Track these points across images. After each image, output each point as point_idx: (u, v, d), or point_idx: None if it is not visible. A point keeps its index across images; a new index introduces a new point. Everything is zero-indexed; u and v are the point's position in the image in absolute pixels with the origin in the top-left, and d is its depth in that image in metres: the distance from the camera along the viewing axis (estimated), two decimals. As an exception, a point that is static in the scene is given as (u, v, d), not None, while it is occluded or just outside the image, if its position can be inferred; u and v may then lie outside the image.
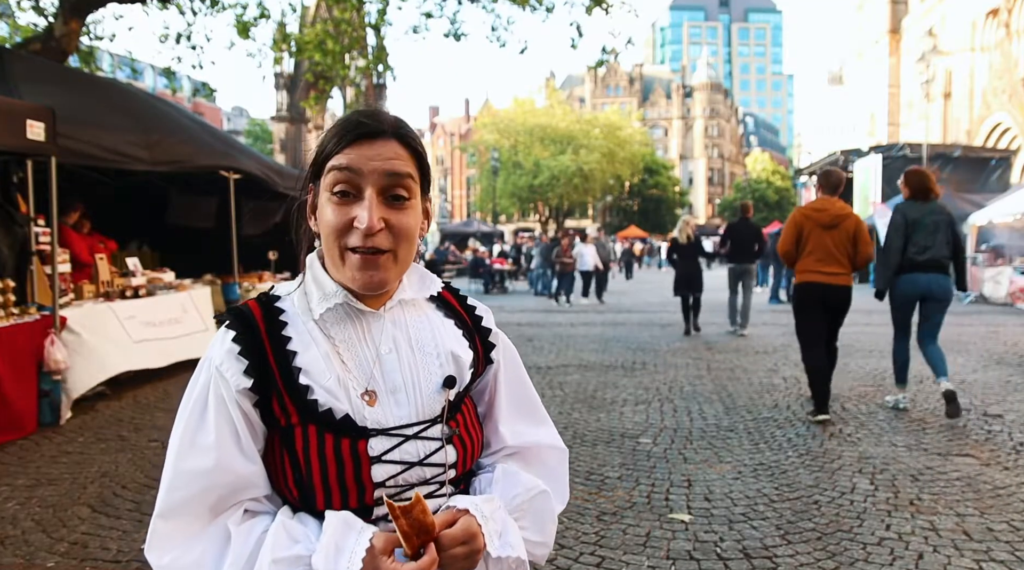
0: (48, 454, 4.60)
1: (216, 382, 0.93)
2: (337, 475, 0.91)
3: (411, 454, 0.95)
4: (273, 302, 1.00)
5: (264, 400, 0.92)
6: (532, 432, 1.12)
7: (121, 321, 6.20)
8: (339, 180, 0.93)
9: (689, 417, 5.53)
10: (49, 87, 6.21)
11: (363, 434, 0.93)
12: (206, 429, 0.92)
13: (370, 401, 0.95)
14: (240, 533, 0.90)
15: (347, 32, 11.03)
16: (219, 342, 0.96)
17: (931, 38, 32.57)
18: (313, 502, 0.92)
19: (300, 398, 0.92)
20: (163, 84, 13.00)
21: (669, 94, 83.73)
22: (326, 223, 0.94)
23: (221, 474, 0.90)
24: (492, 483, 1.04)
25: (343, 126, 0.95)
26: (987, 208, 17.24)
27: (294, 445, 0.92)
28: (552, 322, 12.27)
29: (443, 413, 0.99)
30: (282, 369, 0.93)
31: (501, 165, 48.60)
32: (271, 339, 0.95)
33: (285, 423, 0.92)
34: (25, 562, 3.06)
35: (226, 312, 1.01)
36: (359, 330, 0.99)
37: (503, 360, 1.13)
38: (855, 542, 3.21)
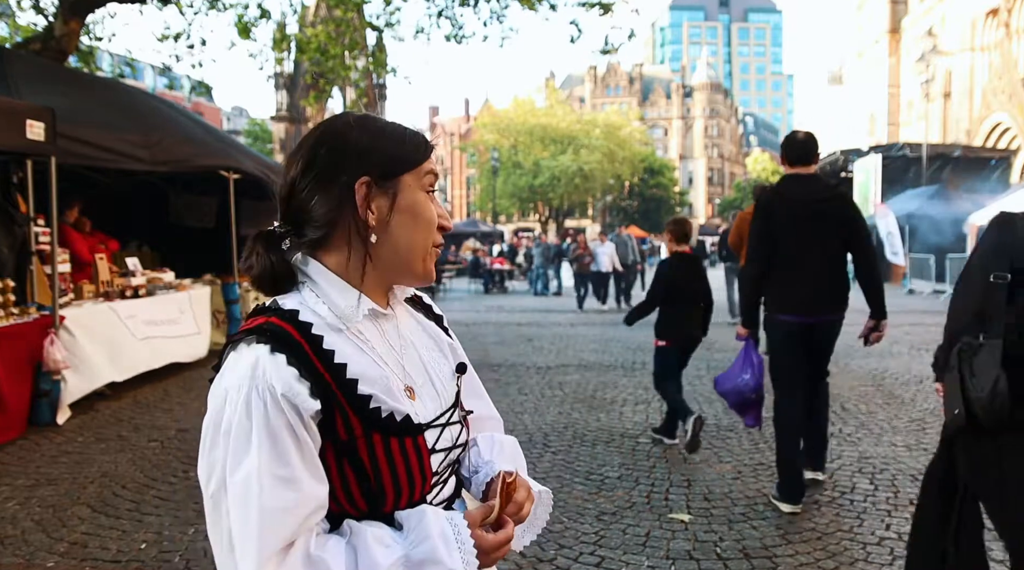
0: (48, 454, 4.60)
1: (278, 410, 0.86)
2: (407, 475, 0.95)
3: (448, 440, 1.03)
4: (296, 316, 0.94)
5: (327, 418, 0.90)
6: (484, 406, 1.21)
7: (122, 320, 6.19)
8: (432, 183, 1.01)
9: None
10: (49, 87, 6.22)
11: (419, 430, 0.98)
12: (281, 462, 0.86)
13: (412, 396, 1.00)
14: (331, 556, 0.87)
15: (347, 32, 11.03)
16: (268, 366, 0.88)
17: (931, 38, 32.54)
18: (382, 506, 0.94)
19: (363, 409, 0.92)
20: (163, 84, 12.98)
21: (669, 94, 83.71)
22: (430, 219, 1.00)
23: (306, 504, 0.87)
24: (482, 451, 1.13)
25: (416, 135, 1.02)
26: (987, 208, 17.23)
27: (358, 455, 0.91)
28: (552, 322, 12.27)
29: (457, 397, 1.08)
30: (339, 383, 0.91)
31: (501, 165, 48.60)
32: (317, 355, 0.91)
33: (347, 437, 0.91)
34: (25, 562, 3.06)
35: (254, 335, 0.91)
36: (381, 332, 1.02)
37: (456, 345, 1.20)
38: (855, 542, 3.21)
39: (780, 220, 3.71)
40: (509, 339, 9.97)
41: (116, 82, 9.04)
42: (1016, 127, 27.34)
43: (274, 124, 37.30)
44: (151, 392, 6.37)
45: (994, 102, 28.73)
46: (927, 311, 13.79)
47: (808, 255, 3.67)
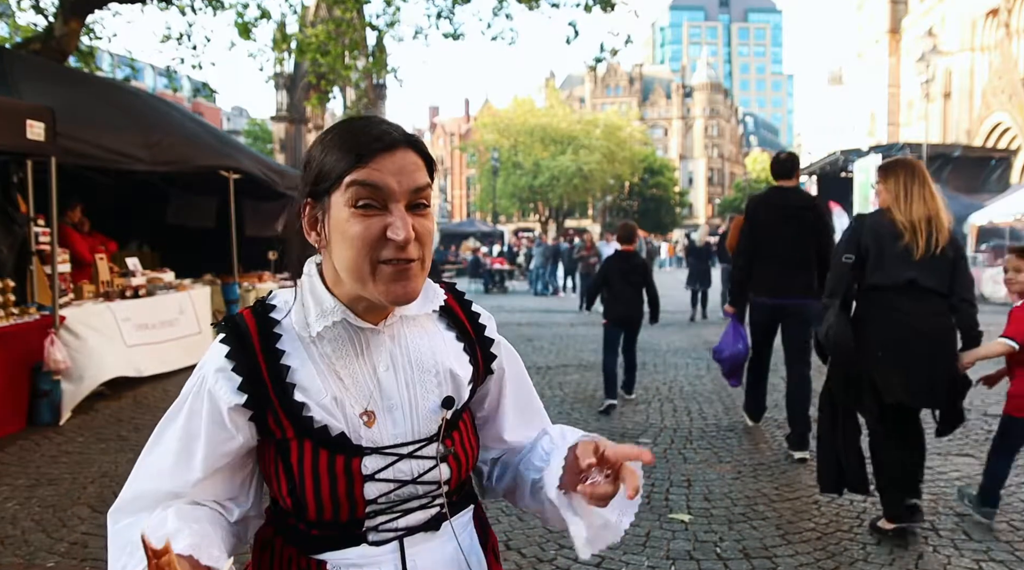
0: (48, 454, 4.60)
1: (199, 396, 0.95)
2: (330, 490, 0.92)
3: (405, 473, 0.96)
4: (269, 312, 0.99)
5: (259, 415, 0.93)
6: (540, 422, 1.16)
7: (119, 321, 6.19)
8: (363, 196, 0.89)
9: (689, 417, 5.53)
10: (49, 87, 6.21)
11: (357, 452, 0.93)
12: (173, 433, 0.97)
13: (368, 422, 0.95)
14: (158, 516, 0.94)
15: (347, 33, 11.03)
16: (214, 356, 0.96)
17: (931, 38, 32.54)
18: (305, 513, 0.94)
19: (295, 414, 0.93)
20: (163, 84, 12.99)
21: (669, 94, 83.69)
22: (354, 237, 0.89)
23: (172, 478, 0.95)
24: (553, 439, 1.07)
25: (357, 140, 0.91)
26: (987, 208, 17.24)
27: (289, 457, 0.93)
28: (552, 322, 12.27)
29: (439, 432, 0.99)
30: (276, 385, 0.93)
31: (501, 165, 48.60)
32: (265, 354, 0.94)
33: (281, 436, 0.94)
34: (25, 562, 3.06)
35: (222, 322, 0.98)
36: (357, 347, 0.97)
37: (507, 368, 1.13)
38: (855, 542, 3.21)
39: (762, 221, 4.70)
40: (509, 339, 9.80)
41: (116, 82, 9.05)
42: (1016, 127, 27.34)
43: (274, 124, 37.29)
44: (151, 392, 6.37)
45: (994, 102, 28.73)
46: (927, 311, 13.79)
47: (782, 250, 4.58)
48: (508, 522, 3.47)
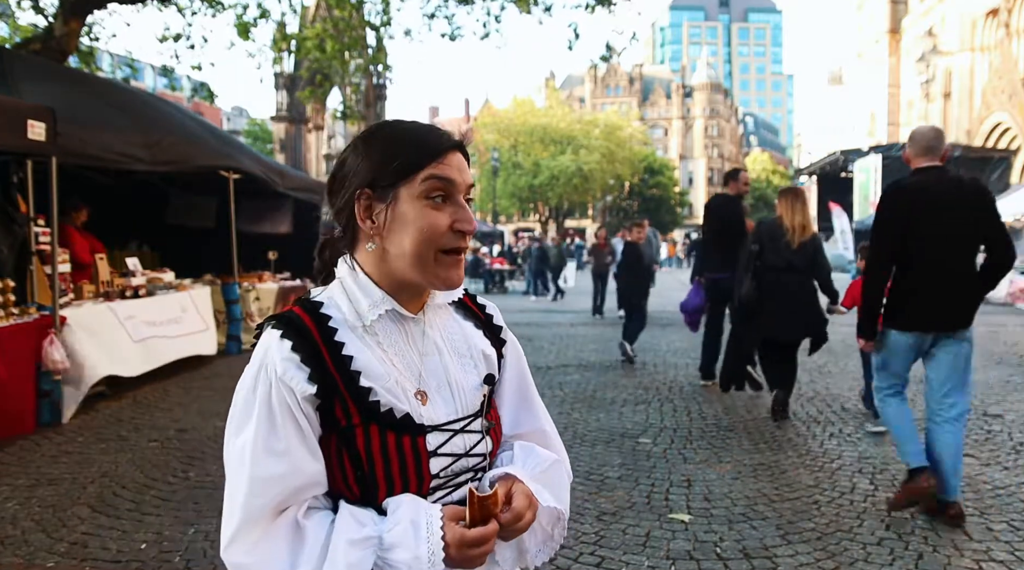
0: (48, 454, 4.60)
1: (279, 390, 0.96)
2: (400, 470, 0.98)
3: (459, 447, 1.04)
4: (319, 308, 1.03)
5: (326, 404, 0.97)
6: (533, 419, 1.21)
7: (121, 321, 6.19)
8: (439, 188, 0.99)
9: (689, 417, 5.53)
10: (49, 87, 6.21)
11: (421, 431, 1.00)
12: (277, 436, 0.95)
13: (422, 400, 1.02)
14: (313, 525, 0.96)
15: (347, 31, 11.02)
16: (276, 351, 0.97)
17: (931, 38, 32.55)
18: (375, 497, 0.98)
19: (362, 400, 0.98)
20: (163, 84, 12.98)
21: (669, 94, 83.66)
22: (425, 226, 0.98)
23: (296, 477, 0.95)
24: (513, 458, 1.12)
25: (429, 139, 1.01)
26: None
27: (355, 444, 0.97)
28: (552, 322, 12.27)
29: (483, 408, 1.09)
30: (342, 373, 0.98)
31: (501, 165, 48.59)
32: (327, 345, 0.99)
33: (346, 424, 0.97)
34: (25, 562, 3.06)
35: (274, 321, 1.01)
36: (404, 334, 1.05)
37: (510, 356, 1.21)
38: (855, 542, 3.21)
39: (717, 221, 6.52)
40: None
41: (116, 82, 9.05)
42: (1016, 127, 27.34)
43: (274, 124, 37.31)
44: (151, 392, 6.37)
45: (994, 102, 28.73)
46: (927, 311, 13.77)
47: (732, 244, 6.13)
48: (508, 522, 3.47)
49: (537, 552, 1.13)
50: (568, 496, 1.17)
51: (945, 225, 3.49)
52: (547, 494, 1.07)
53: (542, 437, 1.20)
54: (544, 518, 1.08)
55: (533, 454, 1.14)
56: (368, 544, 0.93)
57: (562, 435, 5.17)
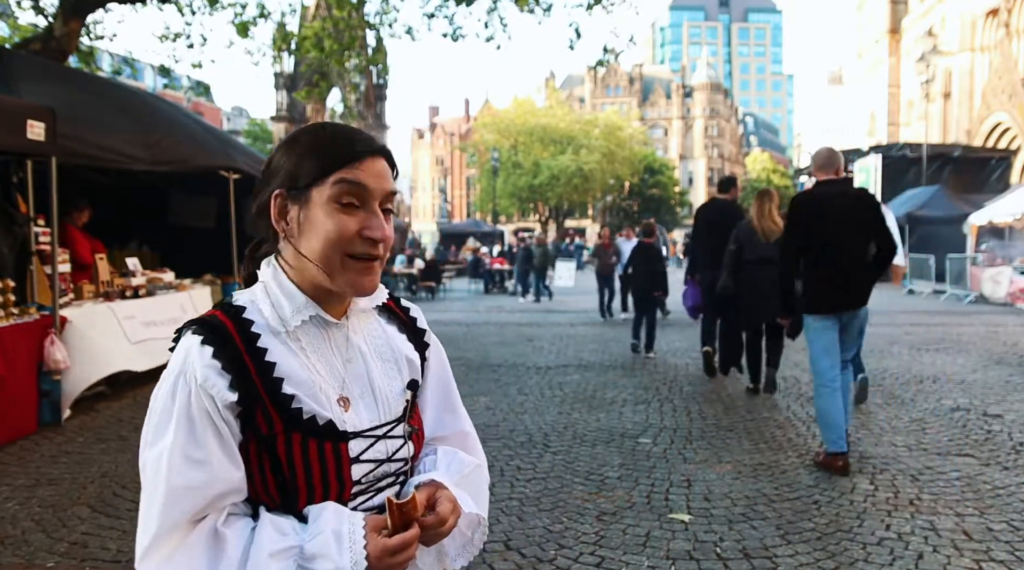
0: (48, 454, 4.60)
1: (199, 397, 0.94)
2: (321, 477, 0.97)
3: (381, 452, 1.03)
4: (241, 313, 1.02)
5: (247, 411, 0.95)
6: (455, 422, 1.20)
7: (120, 321, 6.19)
8: (348, 192, 0.98)
9: (689, 417, 5.53)
10: (49, 87, 6.21)
11: (343, 438, 0.99)
12: (197, 444, 0.93)
13: (345, 407, 1.01)
14: (233, 534, 0.94)
15: (346, 31, 11.02)
16: (197, 357, 0.95)
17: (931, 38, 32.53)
18: (295, 503, 0.97)
19: (285, 407, 0.96)
20: (163, 84, 12.97)
21: (669, 94, 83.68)
22: (330, 232, 0.97)
23: (215, 485, 0.94)
24: (436, 463, 1.12)
25: (346, 142, 1.00)
26: (987, 208, 17.25)
27: (276, 451, 0.96)
28: (552, 322, 12.27)
29: (405, 413, 1.08)
30: (264, 380, 0.96)
31: (501, 165, 48.60)
32: (249, 351, 0.97)
33: (268, 431, 0.96)
34: (25, 562, 3.06)
35: (195, 326, 0.99)
36: (327, 340, 1.04)
37: (433, 358, 1.20)
38: (855, 542, 3.21)
39: (703, 223, 7.17)
40: (509, 339, 9.97)
41: (116, 82, 9.04)
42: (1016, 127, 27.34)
43: (274, 124, 37.33)
44: (151, 392, 6.35)
45: (994, 102, 28.73)
46: (927, 311, 13.79)
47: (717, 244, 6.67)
48: (508, 522, 3.47)
49: (456, 556, 1.11)
50: (487, 500, 1.17)
51: (839, 224, 4.30)
52: (468, 499, 1.07)
53: (463, 439, 1.19)
54: (464, 523, 1.07)
55: (456, 459, 1.14)
56: (289, 554, 0.92)
57: (562, 435, 5.19)
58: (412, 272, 18.75)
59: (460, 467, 1.12)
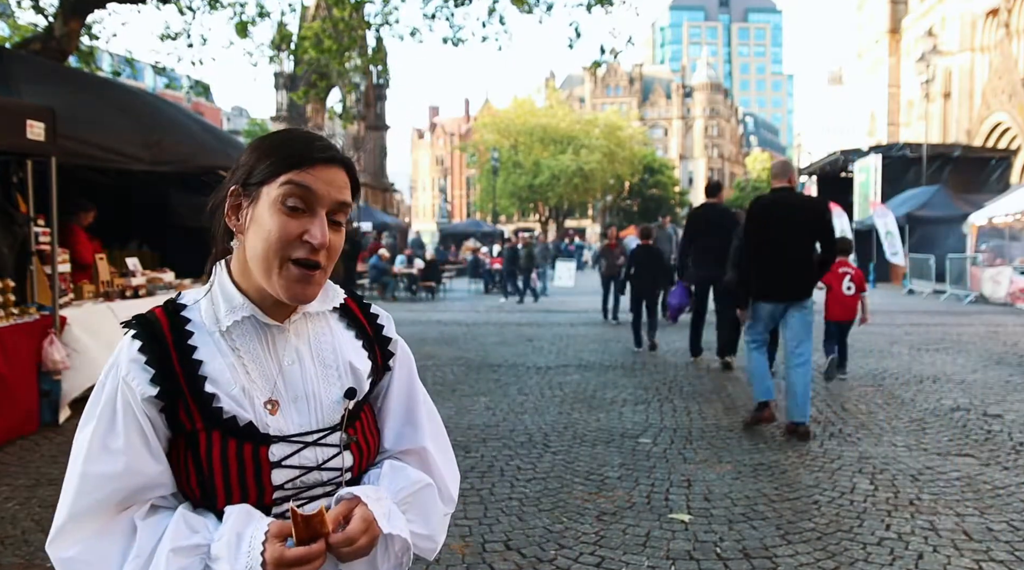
0: (48, 454, 4.60)
1: (123, 390, 0.96)
2: (239, 478, 0.96)
3: (310, 459, 1.01)
4: (180, 311, 1.03)
5: (170, 407, 0.96)
6: (415, 436, 1.15)
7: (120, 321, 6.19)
8: (295, 194, 0.96)
9: (689, 417, 5.53)
10: (49, 87, 6.20)
11: (265, 440, 0.98)
12: (115, 434, 0.95)
13: (272, 410, 1.00)
14: (146, 526, 0.95)
15: (345, 31, 11.01)
16: (125, 351, 0.98)
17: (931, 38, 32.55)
18: (214, 502, 0.97)
19: (205, 406, 0.97)
20: (163, 84, 12.97)
21: (669, 94, 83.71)
22: (271, 232, 0.96)
23: (130, 476, 0.94)
24: (380, 477, 1.08)
25: (302, 146, 0.99)
26: (987, 208, 17.25)
27: (198, 449, 0.96)
28: (552, 322, 12.27)
29: (342, 421, 1.05)
30: (188, 378, 0.97)
31: (501, 165, 48.59)
32: (177, 348, 0.98)
33: (191, 428, 0.97)
34: (25, 562, 3.06)
35: (132, 320, 1.02)
36: (264, 342, 1.03)
37: (397, 367, 1.16)
38: (855, 542, 3.21)
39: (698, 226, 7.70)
40: (509, 339, 9.97)
41: (116, 82, 9.03)
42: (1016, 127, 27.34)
43: (274, 124, 37.31)
44: (151, 392, 6.36)
45: (994, 102, 28.73)
46: (927, 311, 13.79)
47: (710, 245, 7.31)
48: (508, 522, 3.47)
49: None
50: (438, 521, 1.10)
51: (787, 225, 4.95)
52: (400, 519, 1.02)
53: (423, 456, 1.13)
54: (396, 544, 1.01)
55: (401, 475, 1.08)
56: (196, 552, 0.92)
57: (562, 435, 5.18)
58: (412, 272, 18.73)
59: (404, 484, 1.07)
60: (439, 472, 1.14)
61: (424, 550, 1.09)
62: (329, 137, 7.72)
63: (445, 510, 1.14)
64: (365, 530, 0.95)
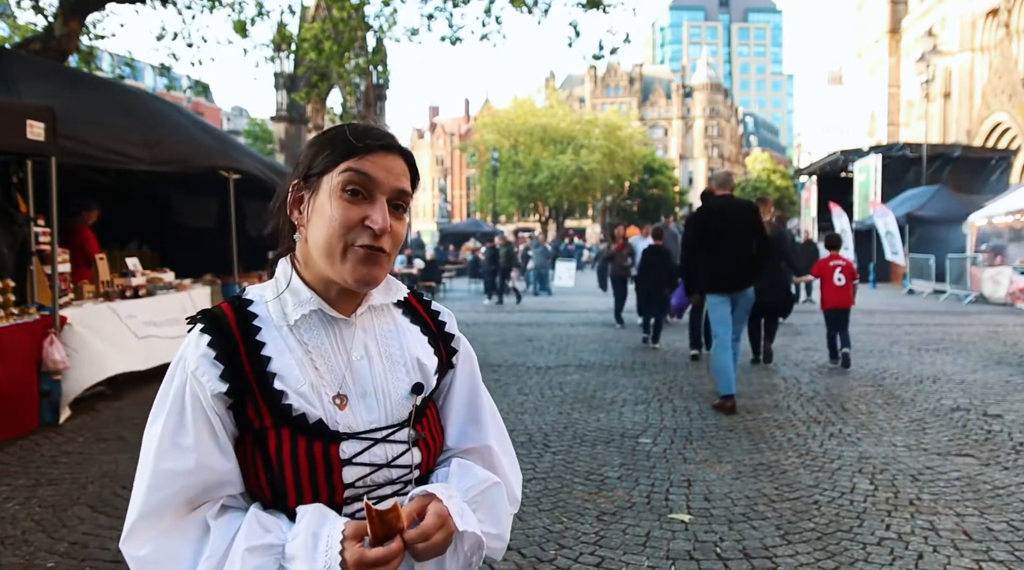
0: (48, 454, 4.60)
1: (192, 385, 0.95)
2: (309, 476, 0.95)
3: (379, 456, 1.00)
4: (246, 306, 1.02)
5: (239, 403, 0.95)
6: (479, 435, 1.14)
7: (120, 321, 6.19)
8: (354, 181, 0.97)
9: (689, 417, 5.53)
10: (49, 87, 6.20)
11: (335, 438, 0.97)
12: (185, 430, 0.94)
13: (341, 405, 0.99)
14: (218, 526, 0.94)
15: (345, 32, 11.01)
16: (193, 346, 0.97)
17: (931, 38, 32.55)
18: (285, 501, 0.95)
19: (274, 402, 0.95)
20: (163, 84, 12.96)
21: (669, 94, 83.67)
22: (333, 218, 0.96)
23: (201, 473, 0.93)
24: (448, 475, 1.07)
25: (360, 135, 1.00)
26: (987, 208, 17.25)
27: (267, 447, 0.95)
28: (552, 322, 12.27)
29: (410, 417, 1.04)
30: (256, 374, 0.96)
31: (501, 165, 48.58)
32: (246, 344, 0.98)
33: (259, 425, 0.95)
34: (25, 562, 3.06)
35: (199, 315, 1.01)
36: (331, 336, 1.02)
37: (460, 364, 1.16)
38: (855, 542, 3.21)
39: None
40: (509, 339, 9.97)
41: (116, 82, 9.04)
42: (1016, 127, 27.34)
43: (274, 124, 37.28)
44: (151, 392, 6.32)
45: (994, 102, 28.73)
46: (927, 311, 13.79)
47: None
48: (508, 522, 3.47)
49: None
50: (506, 521, 1.09)
51: (729, 226, 5.76)
52: (472, 517, 1.00)
53: (487, 455, 1.12)
54: (466, 543, 0.99)
55: (470, 474, 1.07)
56: (271, 552, 0.91)
57: (562, 435, 5.18)
58: (412, 272, 18.74)
59: (473, 482, 1.06)
60: (504, 471, 1.13)
61: (494, 550, 1.07)
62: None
63: (511, 510, 1.12)
64: (440, 526, 0.94)
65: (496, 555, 1.08)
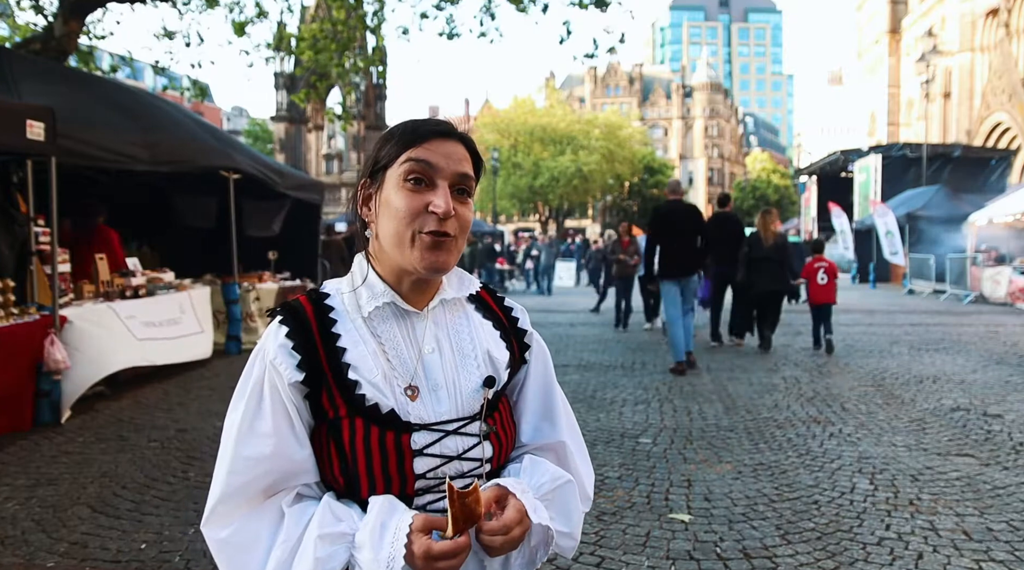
0: (48, 454, 4.60)
1: (270, 374, 0.98)
2: (381, 466, 0.96)
3: (451, 449, 1.01)
4: (323, 299, 1.05)
5: (314, 393, 0.98)
6: (553, 431, 1.14)
7: (120, 321, 6.19)
8: (415, 170, 1.00)
9: (689, 417, 5.53)
10: (49, 87, 6.21)
11: (407, 428, 0.98)
12: (263, 417, 0.97)
13: (412, 396, 1.00)
14: (293, 513, 0.96)
15: (343, 32, 11.00)
16: (272, 336, 1.00)
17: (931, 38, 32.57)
18: (358, 491, 0.97)
19: (349, 392, 0.98)
20: (163, 85, 12.95)
21: (669, 94, 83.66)
22: (399, 209, 0.99)
23: (278, 460, 0.96)
24: (520, 471, 1.08)
25: (419, 126, 1.03)
26: (987, 208, 17.25)
27: (341, 436, 0.97)
28: (552, 322, 12.27)
29: (482, 411, 1.04)
30: (332, 364, 0.99)
31: (501, 165, 48.54)
32: (322, 335, 1.00)
33: (333, 415, 0.98)
34: (25, 562, 3.06)
35: (278, 307, 1.04)
36: (404, 329, 1.05)
37: (534, 360, 1.17)
38: (855, 542, 3.21)
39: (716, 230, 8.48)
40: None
41: (116, 82, 9.03)
42: (1016, 127, 27.34)
43: (274, 124, 37.31)
44: (151, 392, 6.37)
45: (994, 102, 28.73)
46: (927, 311, 13.79)
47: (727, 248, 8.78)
48: (508, 522, 3.46)
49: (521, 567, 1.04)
50: (578, 519, 1.09)
51: (679, 226, 7.27)
52: (544, 512, 1.01)
53: (561, 451, 1.13)
54: (535, 537, 1.00)
55: (542, 470, 1.07)
56: (342, 540, 0.93)
57: (562, 435, 5.14)
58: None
59: (546, 479, 1.06)
60: (577, 469, 1.13)
61: (565, 549, 1.08)
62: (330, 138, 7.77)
63: (583, 508, 1.12)
64: (519, 521, 0.95)
65: (567, 554, 1.09)
